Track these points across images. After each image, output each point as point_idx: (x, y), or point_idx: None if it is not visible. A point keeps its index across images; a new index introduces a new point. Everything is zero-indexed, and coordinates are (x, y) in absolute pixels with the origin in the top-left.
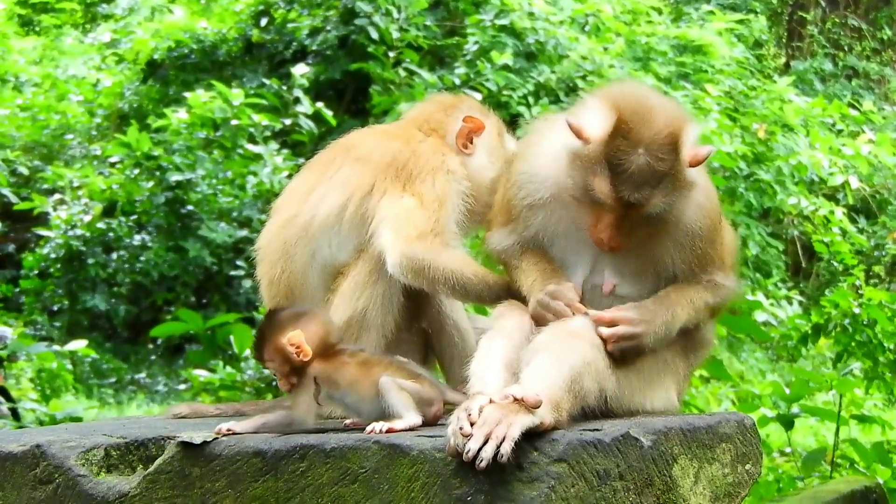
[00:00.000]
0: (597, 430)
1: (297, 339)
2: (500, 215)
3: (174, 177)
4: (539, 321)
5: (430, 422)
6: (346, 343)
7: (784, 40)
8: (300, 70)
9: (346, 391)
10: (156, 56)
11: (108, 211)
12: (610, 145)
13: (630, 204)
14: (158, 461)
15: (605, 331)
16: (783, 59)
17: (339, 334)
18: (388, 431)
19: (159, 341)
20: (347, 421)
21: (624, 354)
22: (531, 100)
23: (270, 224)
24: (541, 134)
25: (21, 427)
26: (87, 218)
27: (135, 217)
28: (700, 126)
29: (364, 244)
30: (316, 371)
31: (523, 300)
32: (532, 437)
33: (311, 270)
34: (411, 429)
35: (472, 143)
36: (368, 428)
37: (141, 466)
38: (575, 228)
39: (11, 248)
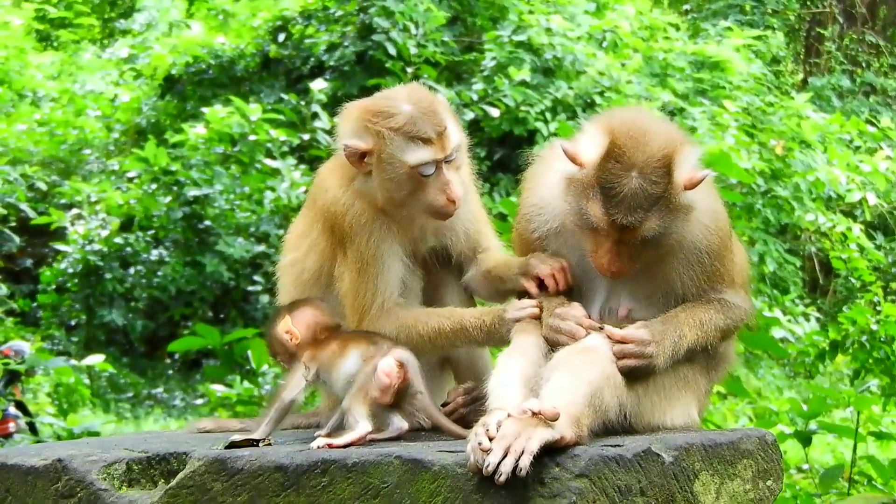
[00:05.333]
0: (618, 445)
1: (287, 325)
2: (516, 251)
3: (192, 192)
4: (552, 344)
5: (380, 379)
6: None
7: (801, 57)
8: (318, 85)
9: (326, 370)
10: (173, 71)
11: (126, 226)
12: (602, 168)
13: (624, 227)
14: (180, 475)
15: (615, 347)
16: (801, 76)
17: (333, 319)
18: (329, 446)
19: (176, 356)
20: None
21: (632, 373)
22: (549, 116)
23: (282, 260)
24: (545, 163)
25: (38, 441)
26: (105, 233)
27: (152, 232)
28: (699, 149)
29: None
30: (306, 353)
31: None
32: (553, 453)
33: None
34: (359, 439)
35: (363, 162)
36: (313, 444)
37: (163, 481)
38: (587, 256)
39: (29, 262)
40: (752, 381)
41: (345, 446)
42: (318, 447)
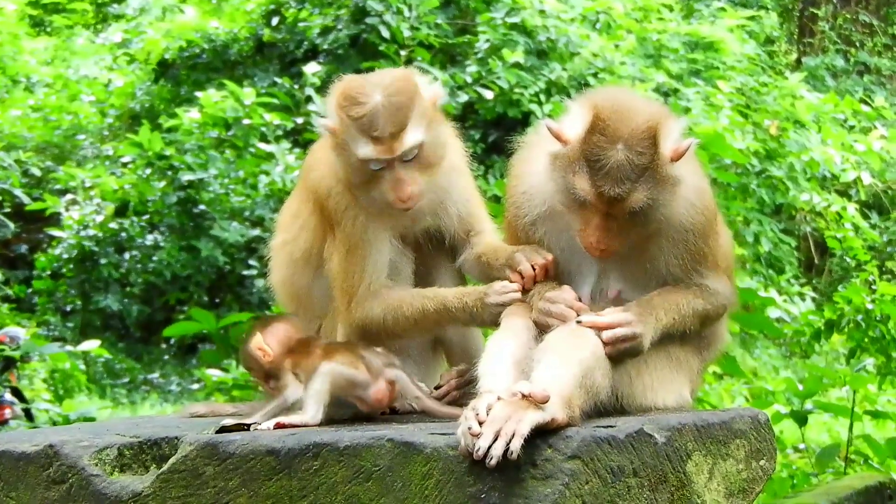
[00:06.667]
0: (611, 426)
1: (258, 342)
2: (507, 236)
3: (186, 176)
4: (543, 328)
5: (372, 404)
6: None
7: (795, 36)
8: (312, 69)
9: (308, 378)
10: (167, 56)
11: (121, 211)
12: (588, 142)
13: (612, 199)
14: (172, 460)
15: (606, 334)
16: (794, 56)
17: (306, 333)
18: (276, 427)
19: (172, 341)
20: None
21: (621, 356)
22: (543, 97)
23: (275, 239)
24: (531, 149)
25: (34, 427)
26: (100, 218)
27: (147, 217)
28: (683, 122)
29: None
30: (289, 364)
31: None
32: (546, 434)
33: (314, 286)
34: (304, 425)
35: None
36: (264, 425)
37: (154, 466)
38: (575, 237)
39: (24, 248)
40: (748, 361)
41: (292, 426)
42: (270, 428)
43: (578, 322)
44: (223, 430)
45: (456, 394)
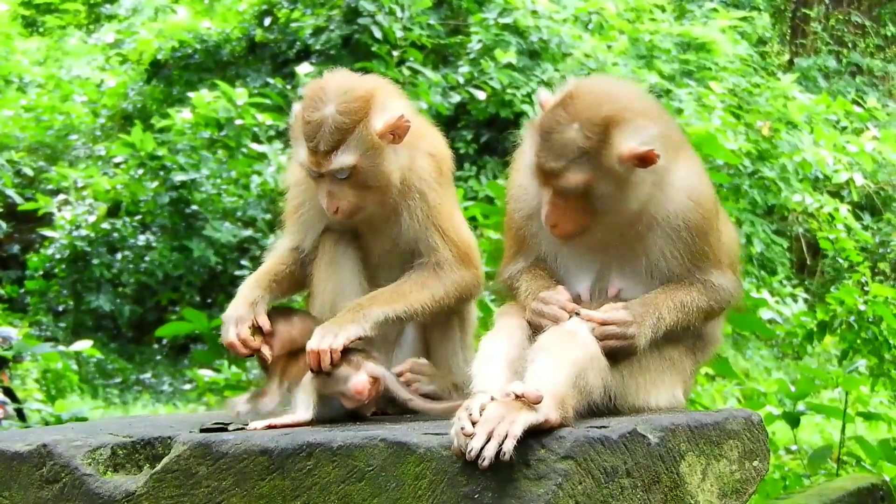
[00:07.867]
0: (604, 427)
1: (261, 344)
2: (508, 246)
3: (178, 177)
4: (536, 329)
5: (352, 396)
6: None
7: (787, 37)
8: (304, 69)
9: (295, 385)
10: (159, 56)
11: (113, 211)
12: (551, 112)
13: (548, 172)
14: (165, 460)
15: (597, 330)
16: (787, 57)
17: (306, 339)
18: (267, 427)
19: (164, 341)
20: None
21: (614, 354)
22: (535, 98)
23: None
24: (528, 143)
25: (26, 427)
26: (92, 218)
27: (139, 217)
28: (653, 129)
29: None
30: (280, 369)
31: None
32: (539, 435)
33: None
34: (296, 424)
35: None
36: (252, 425)
37: (147, 465)
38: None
39: (16, 248)
40: (740, 362)
41: (284, 426)
42: (259, 428)
43: (577, 314)
44: (208, 430)
45: (409, 375)
